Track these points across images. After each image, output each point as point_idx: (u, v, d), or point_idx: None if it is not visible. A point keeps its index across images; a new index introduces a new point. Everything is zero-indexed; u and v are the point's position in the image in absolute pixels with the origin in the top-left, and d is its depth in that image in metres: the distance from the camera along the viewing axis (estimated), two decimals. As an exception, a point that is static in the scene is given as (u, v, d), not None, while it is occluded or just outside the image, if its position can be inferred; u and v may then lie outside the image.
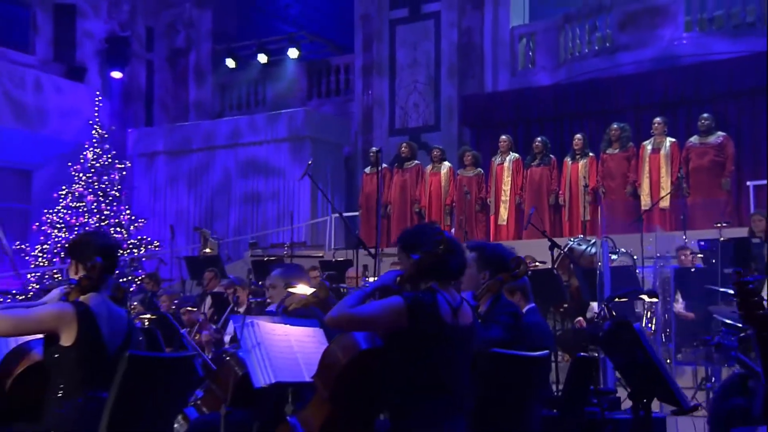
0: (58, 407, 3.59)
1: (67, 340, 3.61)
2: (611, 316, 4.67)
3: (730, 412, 4.05)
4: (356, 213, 15.55)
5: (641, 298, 5.39)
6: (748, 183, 11.58)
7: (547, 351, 3.62)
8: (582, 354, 4.23)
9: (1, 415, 3.86)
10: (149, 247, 15.50)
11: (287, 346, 4.23)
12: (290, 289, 4.87)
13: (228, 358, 4.74)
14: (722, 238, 8.35)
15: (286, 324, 4.40)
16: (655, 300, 5.05)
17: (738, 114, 12.43)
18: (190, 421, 4.70)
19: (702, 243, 8.76)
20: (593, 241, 9.55)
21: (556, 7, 16.13)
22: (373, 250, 9.30)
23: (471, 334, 3.53)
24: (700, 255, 8.58)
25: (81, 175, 15.37)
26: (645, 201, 11.34)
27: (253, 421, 4.42)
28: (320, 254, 12.07)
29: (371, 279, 9.46)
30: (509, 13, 15.98)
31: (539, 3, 16.66)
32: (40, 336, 3.79)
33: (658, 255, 8.73)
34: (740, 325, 5.62)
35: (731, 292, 6.56)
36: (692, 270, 8.06)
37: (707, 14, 14.16)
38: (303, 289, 4.84)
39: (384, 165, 13.93)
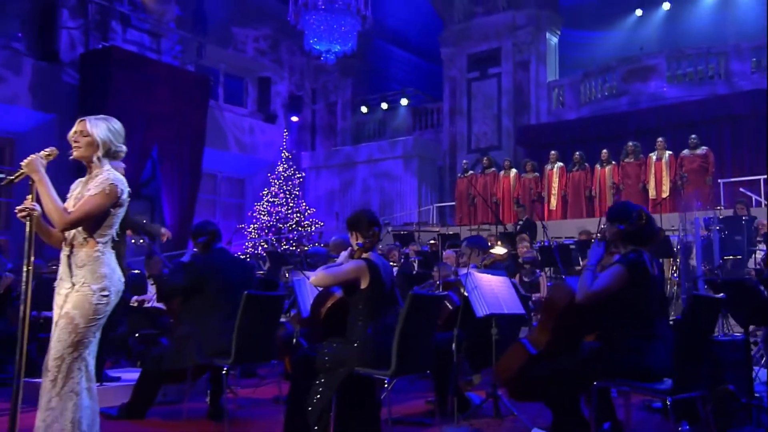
0: (361, 329, 3.53)
1: (363, 284, 3.54)
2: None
3: None
4: (448, 204, 15.53)
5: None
6: (719, 180, 11.16)
7: (723, 294, 3.31)
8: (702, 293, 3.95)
9: (320, 335, 3.91)
10: (317, 225, 15.65)
11: (491, 289, 4.17)
12: (492, 251, 4.73)
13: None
14: (720, 216, 8.06)
15: (486, 274, 4.33)
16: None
17: (707, 135, 11.97)
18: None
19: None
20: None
21: (578, 68, 15.76)
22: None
23: (661, 281, 3.29)
24: (717, 228, 8.17)
25: (275, 181, 15.56)
26: (652, 193, 11.03)
27: (464, 339, 4.29)
28: (437, 229, 11.95)
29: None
30: (546, 72, 15.64)
31: (565, 66, 16.28)
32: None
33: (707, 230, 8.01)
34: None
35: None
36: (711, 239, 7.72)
37: (682, 71, 13.78)
38: (498, 250, 4.73)
39: (471, 172, 13.86)
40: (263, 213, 15.39)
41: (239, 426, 4.23)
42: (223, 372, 4.18)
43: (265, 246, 15.00)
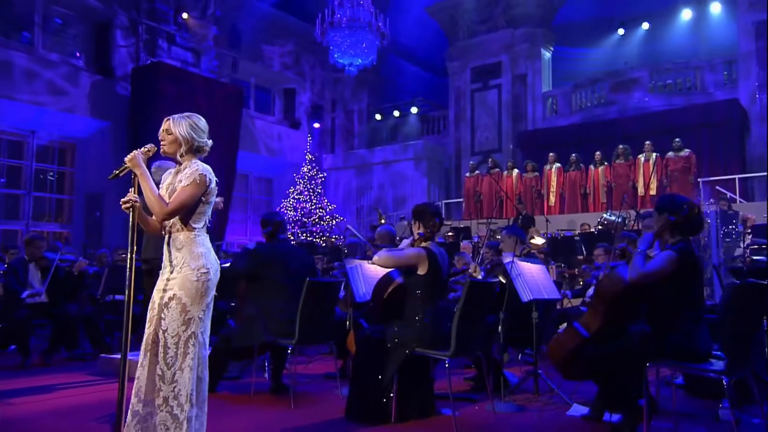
0: (420, 313, 3.45)
1: (422, 270, 3.44)
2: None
3: None
4: (454, 200, 15.41)
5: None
6: (699, 180, 11.04)
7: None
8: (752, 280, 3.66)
9: (380, 317, 3.76)
10: (337, 219, 15.60)
11: (532, 276, 4.06)
12: (531, 241, 4.61)
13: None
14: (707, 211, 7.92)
15: (526, 262, 4.22)
16: None
17: (687, 139, 11.83)
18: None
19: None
20: (618, 213, 9.19)
21: (568, 80, 15.65)
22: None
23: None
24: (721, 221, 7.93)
25: (300, 180, 15.55)
26: (640, 191, 10.90)
27: (506, 321, 4.16)
28: (449, 222, 11.84)
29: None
30: (541, 83, 15.53)
31: (557, 78, 16.16)
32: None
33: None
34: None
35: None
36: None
37: (662, 83, 13.63)
38: (537, 240, 4.62)
39: (477, 171, 13.76)
40: (290, 209, 15.36)
41: (303, 399, 4.15)
42: (288, 351, 4.11)
43: (292, 238, 14.95)
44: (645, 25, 16.13)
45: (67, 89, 11.46)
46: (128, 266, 2.71)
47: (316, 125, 17.36)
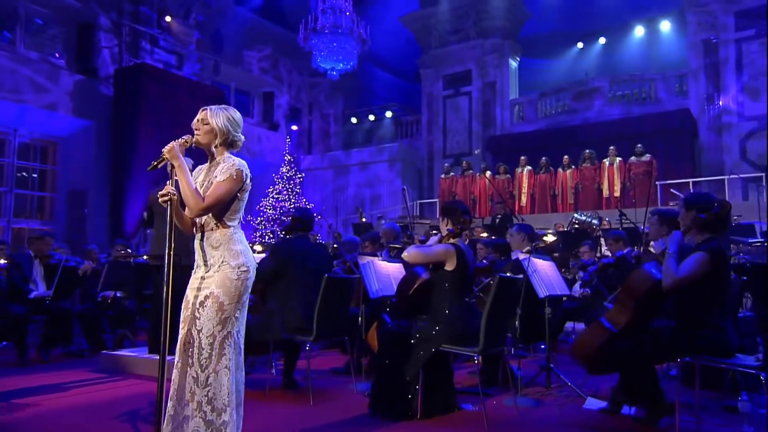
0: (446, 308, 3.31)
1: (449, 266, 3.31)
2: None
3: None
4: (426, 200, 15.40)
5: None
6: (656, 183, 11.34)
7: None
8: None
9: (405, 312, 3.63)
10: (316, 218, 15.34)
11: (545, 272, 4.01)
12: (544, 238, 4.55)
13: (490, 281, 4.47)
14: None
15: (538, 259, 4.13)
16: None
17: (643, 146, 12.12)
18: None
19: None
20: (589, 214, 9.31)
21: (534, 88, 15.88)
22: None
23: None
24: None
25: (279, 180, 15.24)
26: (605, 193, 11.11)
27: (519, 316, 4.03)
28: (428, 221, 11.73)
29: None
30: (509, 92, 15.71)
31: (522, 87, 16.38)
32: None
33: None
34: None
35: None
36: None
37: (621, 92, 13.97)
38: (549, 238, 4.57)
39: (452, 173, 13.77)
40: (269, 207, 15.04)
41: (318, 395, 3.95)
42: (307, 347, 3.95)
43: (271, 236, 14.66)
44: (602, 40, 16.57)
45: (49, 88, 10.91)
46: (166, 263, 2.53)
47: (294, 127, 17.10)
